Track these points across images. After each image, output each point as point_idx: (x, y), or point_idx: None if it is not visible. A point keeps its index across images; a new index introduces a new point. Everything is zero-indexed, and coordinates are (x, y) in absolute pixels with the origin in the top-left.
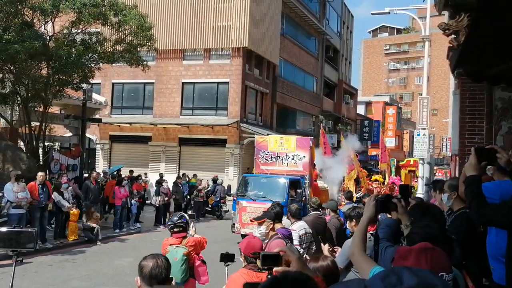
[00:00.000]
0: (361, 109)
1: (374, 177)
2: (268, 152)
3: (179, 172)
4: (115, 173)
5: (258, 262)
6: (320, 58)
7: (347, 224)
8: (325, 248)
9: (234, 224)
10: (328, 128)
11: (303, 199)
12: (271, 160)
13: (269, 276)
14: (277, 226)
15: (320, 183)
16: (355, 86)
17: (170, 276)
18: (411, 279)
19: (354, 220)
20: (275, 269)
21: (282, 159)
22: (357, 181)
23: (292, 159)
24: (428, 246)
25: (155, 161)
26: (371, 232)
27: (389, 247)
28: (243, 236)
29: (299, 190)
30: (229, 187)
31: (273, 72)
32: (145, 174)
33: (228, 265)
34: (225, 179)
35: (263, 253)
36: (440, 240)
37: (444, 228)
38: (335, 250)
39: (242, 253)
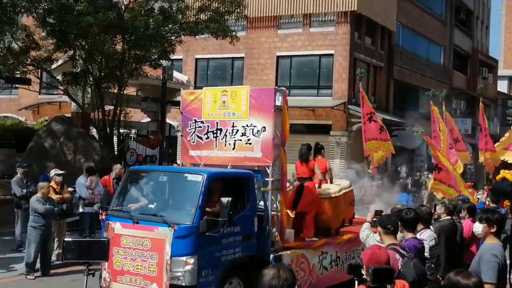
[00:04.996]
0: (503, 86)
1: (503, 173)
2: (202, 122)
3: None
4: None
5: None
6: (449, 22)
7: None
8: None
9: (101, 273)
10: (460, 110)
11: (263, 221)
12: (207, 137)
13: None
14: (408, 235)
15: (323, 185)
16: (495, 56)
17: None
18: None
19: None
20: None
21: (225, 135)
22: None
23: (243, 134)
24: None
25: None
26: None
27: None
28: None
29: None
30: None
31: (389, 41)
32: None
33: (358, 279)
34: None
35: (374, 268)
36: None
37: None
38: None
39: (364, 267)
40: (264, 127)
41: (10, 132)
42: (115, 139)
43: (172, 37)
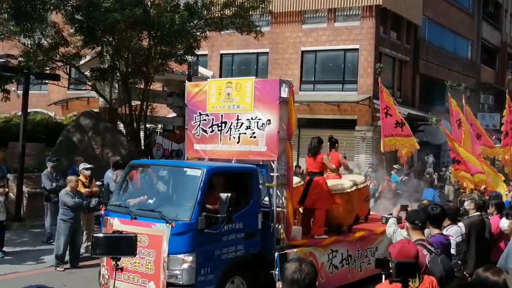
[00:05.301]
0: None
1: None
2: (206, 114)
3: (298, 160)
4: None
5: None
6: (476, 15)
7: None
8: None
9: (100, 269)
10: (488, 105)
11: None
12: (212, 131)
13: None
14: (434, 231)
15: (335, 180)
16: None
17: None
18: None
19: None
20: None
21: (230, 128)
22: None
23: (248, 127)
24: None
25: None
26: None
27: None
28: None
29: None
30: None
31: (415, 35)
32: None
33: (386, 273)
34: (354, 169)
35: (397, 262)
36: None
37: None
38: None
39: (392, 260)
40: (269, 120)
41: (40, 127)
42: (141, 133)
43: (197, 33)
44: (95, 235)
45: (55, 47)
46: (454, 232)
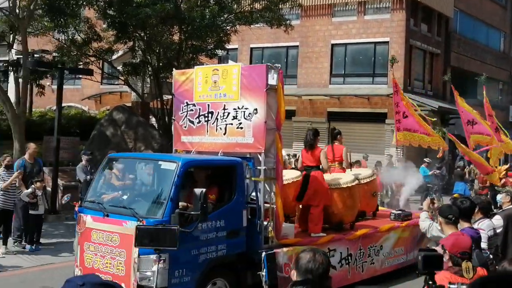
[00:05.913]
0: None
1: None
2: (193, 104)
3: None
4: None
5: (464, 265)
6: (509, 6)
7: None
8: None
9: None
10: None
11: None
12: (199, 121)
13: (430, 283)
14: (464, 224)
15: (336, 174)
16: None
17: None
18: None
19: None
20: None
21: (217, 119)
22: None
23: (234, 117)
24: None
25: (300, 140)
26: None
27: None
28: None
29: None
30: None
31: (446, 27)
32: (288, 155)
33: None
34: (385, 163)
35: (424, 254)
36: None
37: None
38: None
39: (446, 252)
40: (256, 109)
41: (74, 121)
42: (173, 128)
43: (228, 27)
44: (138, 226)
45: (88, 42)
46: (486, 226)
